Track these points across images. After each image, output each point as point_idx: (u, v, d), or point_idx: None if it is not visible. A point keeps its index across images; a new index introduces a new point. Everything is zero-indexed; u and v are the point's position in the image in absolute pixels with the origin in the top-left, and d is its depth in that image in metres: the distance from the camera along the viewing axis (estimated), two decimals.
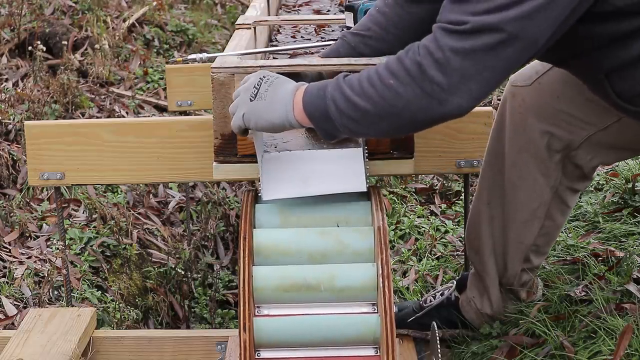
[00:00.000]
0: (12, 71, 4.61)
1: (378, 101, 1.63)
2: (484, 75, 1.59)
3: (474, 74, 1.58)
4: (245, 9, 6.27)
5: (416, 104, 1.61)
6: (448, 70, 1.57)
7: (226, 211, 4.14)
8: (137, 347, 2.47)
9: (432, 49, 1.59)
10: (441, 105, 1.60)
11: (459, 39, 1.58)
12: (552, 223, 2.21)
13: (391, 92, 1.62)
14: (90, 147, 2.38)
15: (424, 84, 1.59)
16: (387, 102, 1.63)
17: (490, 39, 1.56)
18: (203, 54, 2.20)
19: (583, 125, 2.09)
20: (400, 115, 1.64)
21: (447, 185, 3.89)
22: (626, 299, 2.15)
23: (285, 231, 1.84)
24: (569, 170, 2.16)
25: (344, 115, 1.68)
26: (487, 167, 2.24)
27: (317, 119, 1.72)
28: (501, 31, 1.56)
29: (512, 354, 2.13)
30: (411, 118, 1.64)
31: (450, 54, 1.57)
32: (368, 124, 1.68)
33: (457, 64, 1.57)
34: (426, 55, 1.59)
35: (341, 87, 1.68)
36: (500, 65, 1.59)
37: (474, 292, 2.31)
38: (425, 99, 1.60)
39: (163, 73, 5.01)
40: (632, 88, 1.79)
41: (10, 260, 3.18)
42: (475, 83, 1.58)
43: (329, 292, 1.75)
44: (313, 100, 1.72)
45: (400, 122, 1.66)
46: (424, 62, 1.59)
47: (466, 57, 1.57)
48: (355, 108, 1.66)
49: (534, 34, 1.58)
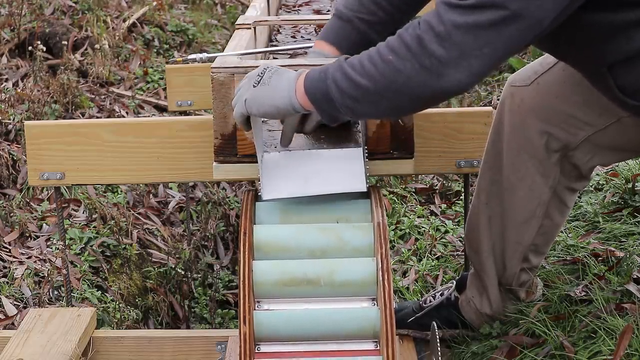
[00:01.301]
0: (12, 71, 4.61)
1: (378, 78, 1.63)
2: (484, 51, 1.58)
3: (474, 49, 1.57)
4: (245, 9, 6.27)
5: (415, 79, 1.60)
6: (448, 45, 1.56)
7: (226, 211, 4.14)
8: (137, 347, 2.47)
9: (434, 23, 1.58)
10: (440, 79, 1.58)
11: (462, 13, 1.57)
12: (551, 223, 2.21)
13: (390, 68, 1.61)
14: (90, 147, 2.38)
15: (424, 58, 1.58)
16: (387, 79, 1.62)
17: (494, 15, 1.55)
18: (203, 54, 2.21)
19: (581, 125, 2.09)
20: (400, 91, 1.63)
21: (447, 185, 3.89)
22: (626, 299, 2.15)
23: (285, 227, 1.84)
24: (567, 170, 2.16)
25: (345, 95, 1.67)
26: (485, 167, 2.24)
27: (319, 101, 1.71)
28: (505, 8, 1.55)
29: (512, 354, 2.13)
30: (411, 94, 1.63)
31: (452, 28, 1.56)
32: (369, 103, 1.67)
33: (459, 38, 1.56)
34: (427, 29, 1.58)
35: (342, 67, 1.68)
36: (502, 43, 1.58)
37: (473, 292, 2.31)
38: (424, 73, 1.59)
39: (163, 73, 5.01)
40: (635, 81, 1.78)
41: (10, 260, 3.18)
42: (476, 59, 1.57)
43: (328, 286, 1.75)
44: (314, 82, 1.72)
45: (401, 99, 1.65)
46: (424, 36, 1.58)
47: (468, 32, 1.56)
48: (356, 86, 1.66)
49: (538, 13, 1.57)
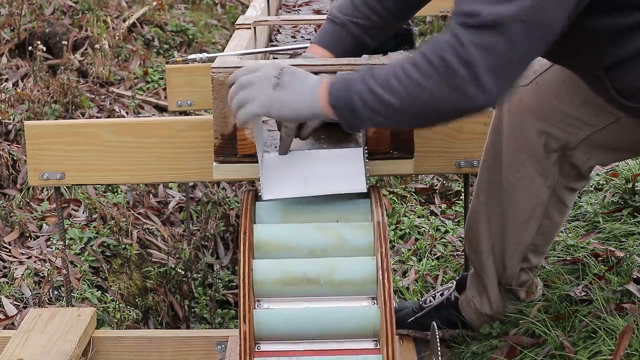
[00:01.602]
0: (12, 71, 4.61)
1: (403, 95, 1.63)
2: (506, 68, 1.58)
3: (495, 67, 1.57)
4: (245, 9, 6.27)
5: (439, 96, 1.60)
6: (469, 64, 1.56)
7: (226, 211, 4.14)
8: (137, 347, 2.47)
9: (453, 43, 1.58)
10: (465, 98, 1.59)
11: (476, 32, 1.57)
12: (550, 222, 2.21)
13: (415, 85, 1.62)
14: (90, 147, 2.38)
15: (448, 77, 1.58)
16: (411, 96, 1.62)
17: (507, 29, 1.55)
18: (203, 54, 2.21)
19: (580, 125, 2.09)
20: (424, 107, 1.63)
21: (447, 185, 3.89)
22: (626, 299, 2.15)
23: (285, 227, 1.84)
24: (566, 170, 2.16)
25: (368, 108, 1.68)
26: (484, 166, 2.24)
27: (342, 110, 1.72)
28: (515, 22, 1.55)
29: (512, 354, 2.13)
30: (435, 111, 1.64)
31: (471, 47, 1.56)
32: (392, 117, 1.68)
33: (478, 57, 1.56)
34: (448, 48, 1.58)
35: (366, 80, 1.68)
36: (520, 56, 1.58)
37: (473, 292, 2.31)
38: (448, 91, 1.59)
39: (163, 73, 5.01)
40: (631, 83, 1.79)
41: (10, 260, 3.18)
42: (498, 76, 1.57)
43: (328, 285, 1.75)
44: (339, 92, 1.72)
45: (425, 114, 1.66)
46: (446, 56, 1.58)
47: (486, 50, 1.56)
48: (380, 101, 1.66)
49: (548, 20, 1.58)
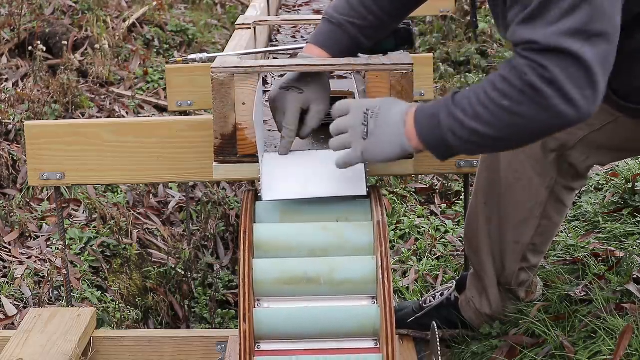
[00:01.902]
0: (12, 71, 4.61)
1: (497, 124, 1.64)
2: (588, 78, 1.58)
3: (578, 80, 1.58)
4: (245, 9, 6.27)
5: (535, 119, 1.61)
6: (552, 82, 1.57)
7: (226, 211, 4.14)
8: (137, 347, 2.47)
9: (533, 65, 1.59)
10: (558, 117, 1.60)
11: (546, 55, 1.58)
12: (549, 222, 2.22)
13: (508, 113, 1.62)
14: (90, 147, 2.37)
15: (540, 100, 1.59)
16: (506, 124, 1.63)
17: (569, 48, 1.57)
18: (203, 54, 2.20)
19: (578, 125, 2.08)
20: (521, 133, 1.65)
21: (447, 185, 3.89)
22: (626, 299, 2.15)
23: (285, 226, 1.84)
24: (564, 170, 2.16)
25: (464, 141, 1.68)
26: (483, 167, 2.25)
27: (435, 147, 1.72)
28: (583, 32, 1.57)
29: (512, 354, 2.13)
30: (532, 133, 1.66)
31: (550, 66, 1.57)
32: (489, 145, 1.70)
33: (559, 74, 1.57)
34: (530, 71, 1.59)
35: (454, 114, 1.67)
36: (600, 66, 1.59)
37: (473, 292, 2.32)
38: (541, 113, 1.60)
39: (163, 73, 5.01)
40: (628, 84, 1.79)
41: (10, 260, 3.18)
42: (582, 88, 1.58)
43: (328, 285, 1.75)
44: (428, 130, 1.71)
45: (522, 138, 1.69)
46: (530, 78, 1.59)
47: (562, 68, 1.57)
48: (474, 134, 1.66)
49: (609, 24, 1.59)
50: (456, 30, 5.89)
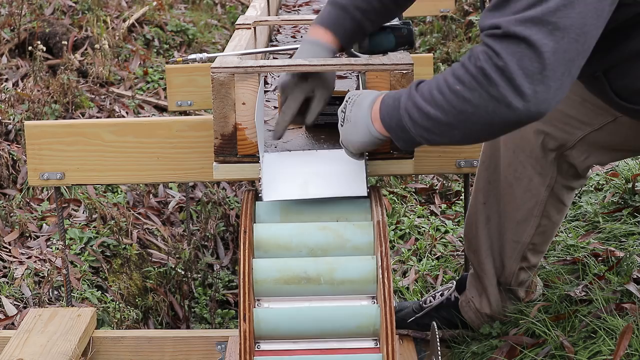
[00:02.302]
0: (12, 71, 4.61)
1: (447, 109, 1.62)
2: (544, 74, 1.54)
3: (531, 73, 1.54)
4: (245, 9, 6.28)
5: (484, 108, 1.58)
6: (503, 70, 1.54)
7: (226, 211, 4.14)
8: (137, 347, 2.47)
9: (488, 52, 1.57)
10: (506, 107, 1.56)
11: (504, 41, 1.55)
12: (549, 222, 2.22)
13: (459, 98, 1.60)
14: (90, 147, 2.37)
15: (490, 88, 1.56)
16: (456, 109, 1.61)
17: (531, 37, 1.53)
18: (203, 54, 2.20)
19: (578, 124, 2.09)
20: (470, 121, 1.61)
21: (447, 185, 3.89)
22: (626, 299, 2.15)
23: (285, 226, 1.84)
24: (564, 169, 2.16)
25: (418, 125, 1.67)
26: (482, 167, 2.25)
27: (394, 130, 1.72)
28: (547, 23, 1.53)
29: (512, 354, 2.13)
30: (482, 123, 1.61)
31: (503, 54, 1.54)
32: (441, 133, 1.67)
33: (511, 63, 1.54)
34: (484, 58, 1.57)
35: (413, 96, 1.67)
36: (559, 63, 1.54)
37: (472, 292, 2.32)
38: (492, 103, 1.57)
39: (163, 73, 5.01)
40: (629, 85, 1.79)
41: (10, 260, 3.18)
42: (536, 82, 1.54)
43: (328, 284, 1.76)
44: (389, 112, 1.72)
45: (473, 128, 1.63)
46: (483, 65, 1.57)
47: (516, 57, 1.54)
48: (427, 117, 1.65)
49: (577, 22, 1.54)
50: (456, 30, 5.89)
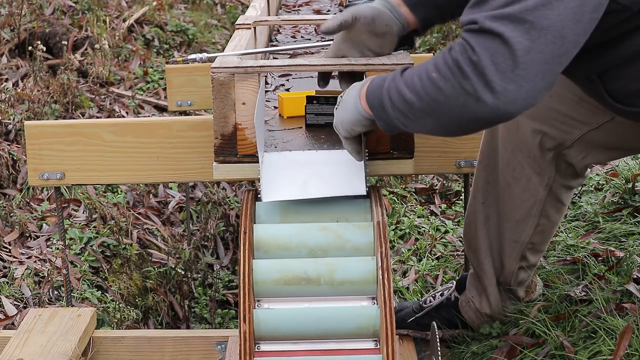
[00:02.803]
0: (12, 71, 4.61)
1: (422, 95, 1.62)
2: (517, 72, 1.53)
3: (504, 70, 1.53)
4: (245, 9, 6.28)
5: (455, 99, 1.58)
6: (476, 65, 1.54)
7: (226, 211, 4.14)
8: (137, 347, 2.47)
9: (464, 45, 1.57)
10: (477, 101, 1.55)
11: (480, 36, 1.55)
12: (548, 221, 2.22)
13: (433, 86, 1.60)
14: (90, 147, 2.37)
15: (462, 80, 1.56)
16: (430, 96, 1.61)
17: (506, 34, 1.52)
18: (203, 54, 2.20)
19: (575, 124, 2.09)
20: (441, 111, 1.61)
21: (447, 185, 3.89)
22: (626, 299, 2.15)
23: (285, 226, 1.84)
24: (562, 168, 2.16)
25: (395, 108, 1.68)
26: (481, 167, 2.25)
27: (377, 109, 1.72)
28: (523, 21, 1.52)
29: (512, 354, 2.13)
30: (453, 115, 1.60)
31: (478, 49, 1.54)
32: (415, 119, 1.66)
33: (485, 59, 1.53)
34: (460, 50, 1.57)
35: (396, 79, 1.68)
36: (533, 64, 1.53)
37: (472, 292, 2.32)
38: (463, 95, 1.56)
39: (163, 73, 5.01)
40: (624, 87, 1.78)
41: (10, 260, 3.18)
42: (509, 79, 1.53)
43: (328, 285, 1.75)
44: (374, 90, 1.72)
45: (444, 118, 1.62)
46: (458, 57, 1.57)
47: (490, 52, 1.53)
48: (404, 100, 1.65)
49: (555, 24, 1.53)
50: (456, 30, 5.89)
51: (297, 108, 2.17)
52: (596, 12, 1.58)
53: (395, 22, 1.94)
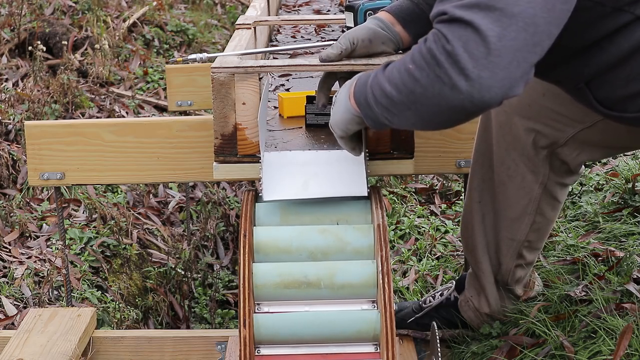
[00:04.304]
0: (12, 71, 4.61)
1: (400, 87, 1.62)
2: (491, 59, 1.52)
3: (478, 57, 1.52)
4: (245, 9, 6.28)
5: (431, 89, 1.57)
6: (449, 53, 1.53)
7: (226, 211, 4.14)
8: (137, 347, 2.47)
9: (438, 35, 1.56)
10: (453, 89, 1.54)
11: (451, 26, 1.54)
12: (543, 218, 2.22)
13: (410, 77, 1.60)
14: (90, 147, 2.38)
15: (436, 68, 1.55)
16: (408, 88, 1.61)
17: (475, 22, 1.51)
18: (203, 54, 2.20)
19: (569, 122, 2.09)
20: (420, 102, 1.60)
21: (447, 185, 3.89)
22: (626, 299, 2.15)
23: (285, 229, 1.84)
24: (556, 166, 2.17)
25: (378, 103, 1.67)
26: (476, 166, 2.25)
27: (363, 106, 1.72)
28: (493, 9, 1.51)
29: (512, 354, 2.13)
30: (431, 105, 1.59)
31: (451, 38, 1.53)
32: (397, 112, 1.66)
33: (458, 47, 1.52)
34: (434, 40, 1.57)
35: (378, 74, 1.68)
36: (506, 51, 1.52)
37: (471, 291, 2.32)
38: (439, 83, 1.56)
39: (163, 73, 5.01)
40: (611, 94, 1.78)
41: (10, 260, 3.18)
42: (483, 67, 1.52)
43: (328, 289, 1.75)
44: (360, 88, 1.73)
45: (423, 110, 1.62)
46: (432, 47, 1.56)
47: (463, 41, 1.52)
48: (385, 95, 1.65)
49: (525, 11, 1.52)
50: None
51: (297, 108, 2.17)
52: (567, 4, 1.57)
53: (391, 41, 1.96)
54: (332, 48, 1.92)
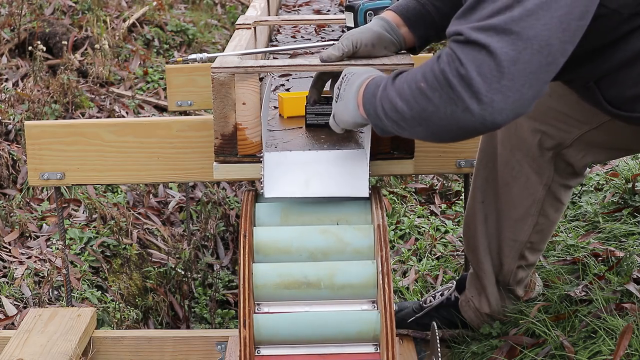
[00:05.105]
0: (12, 71, 4.61)
1: (412, 104, 1.63)
2: (503, 82, 1.53)
3: (491, 80, 1.53)
4: (245, 9, 6.28)
5: (443, 109, 1.58)
6: (462, 76, 1.54)
7: (226, 211, 4.14)
8: (137, 347, 2.47)
9: (452, 56, 1.57)
10: (464, 111, 1.55)
11: (466, 47, 1.55)
12: (546, 220, 2.22)
13: (422, 96, 1.61)
14: (90, 147, 2.38)
15: (449, 90, 1.56)
16: (419, 105, 1.62)
17: (491, 45, 1.52)
18: (203, 54, 2.20)
19: (575, 123, 2.09)
20: (431, 120, 1.62)
21: (447, 185, 3.89)
22: (626, 299, 2.15)
23: (285, 229, 1.84)
24: (561, 168, 2.16)
25: (388, 117, 1.68)
26: (479, 166, 2.25)
27: (372, 117, 1.73)
28: (509, 32, 1.52)
29: (512, 354, 2.13)
30: (442, 124, 1.61)
31: (465, 60, 1.54)
32: (408, 127, 1.67)
33: (471, 70, 1.53)
34: (447, 61, 1.57)
35: (388, 87, 1.68)
36: (519, 74, 1.53)
37: (472, 291, 2.32)
38: (451, 105, 1.57)
39: (163, 73, 5.02)
40: (621, 93, 1.78)
41: (10, 260, 3.18)
42: (495, 89, 1.53)
43: (328, 289, 1.75)
44: (369, 99, 1.73)
45: (434, 127, 1.63)
46: (445, 68, 1.57)
47: (476, 64, 1.53)
48: (395, 110, 1.66)
49: (541, 34, 1.53)
50: None
51: (297, 108, 2.17)
52: (583, 20, 1.57)
53: (394, 44, 1.97)
54: (333, 49, 1.92)
